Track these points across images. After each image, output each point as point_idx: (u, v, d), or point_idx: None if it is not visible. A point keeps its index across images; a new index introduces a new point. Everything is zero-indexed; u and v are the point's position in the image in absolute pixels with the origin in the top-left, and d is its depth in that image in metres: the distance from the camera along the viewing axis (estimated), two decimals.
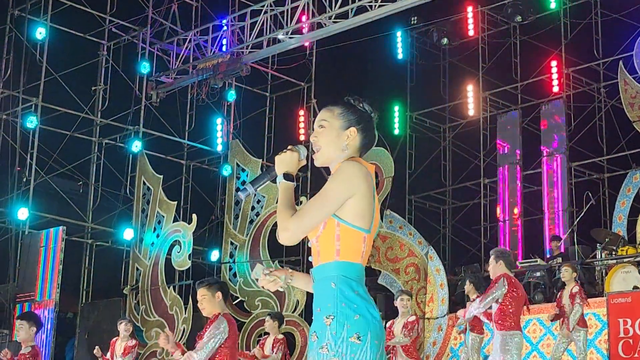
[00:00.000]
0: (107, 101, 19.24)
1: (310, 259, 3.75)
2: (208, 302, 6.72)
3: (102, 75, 19.35)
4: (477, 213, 20.80)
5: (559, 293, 12.50)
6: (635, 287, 14.03)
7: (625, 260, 14.93)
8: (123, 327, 13.10)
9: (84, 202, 18.82)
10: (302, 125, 20.39)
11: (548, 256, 17.37)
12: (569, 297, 12.13)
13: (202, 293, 6.75)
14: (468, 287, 12.54)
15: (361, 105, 3.81)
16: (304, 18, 17.23)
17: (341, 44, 18.99)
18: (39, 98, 17.92)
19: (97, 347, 13.28)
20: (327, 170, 3.76)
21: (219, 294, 6.84)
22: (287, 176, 3.69)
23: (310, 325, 3.60)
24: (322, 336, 3.51)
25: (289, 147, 3.72)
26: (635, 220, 17.82)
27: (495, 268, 9.68)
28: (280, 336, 12.21)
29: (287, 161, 3.69)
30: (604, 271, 15.28)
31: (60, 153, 18.28)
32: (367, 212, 3.61)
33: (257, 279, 3.87)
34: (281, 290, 3.83)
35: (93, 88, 19.23)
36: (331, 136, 3.72)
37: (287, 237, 3.58)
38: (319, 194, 3.58)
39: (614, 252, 15.39)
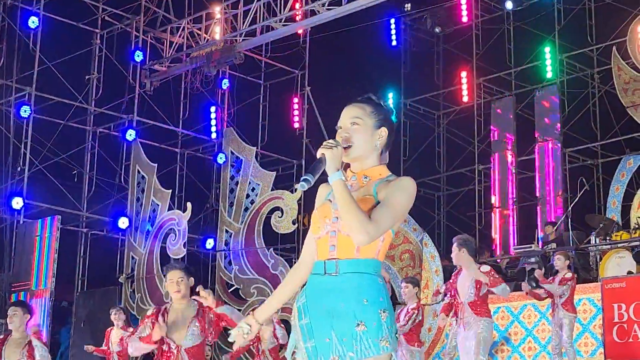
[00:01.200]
0: (100, 90, 19.21)
1: (331, 247, 3.78)
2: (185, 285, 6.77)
3: (96, 64, 19.32)
4: (471, 199, 20.82)
5: (551, 279, 12.56)
6: (629, 272, 14.08)
7: (619, 245, 14.98)
8: (114, 317, 13.13)
9: (79, 191, 18.81)
10: (296, 112, 20.38)
11: (542, 242, 17.41)
12: (561, 281, 12.19)
13: (179, 275, 6.77)
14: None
15: (385, 104, 3.93)
16: (297, 5, 17.23)
17: (335, 32, 18.99)
18: (32, 87, 17.88)
19: (87, 346, 13.35)
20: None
21: (192, 279, 6.97)
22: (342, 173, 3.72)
23: None
24: (378, 329, 3.64)
25: (334, 141, 3.74)
26: (629, 206, 17.88)
27: (459, 256, 9.35)
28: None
29: (337, 157, 3.69)
30: (598, 256, 15.34)
31: (54, 142, 18.27)
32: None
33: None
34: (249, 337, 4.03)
35: (87, 77, 19.20)
36: (366, 134, 3.83)
37: (365, 240, 3.63)
38: (390, 204, 3.70)
39: (608, 238, 15.44)
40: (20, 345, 8.05)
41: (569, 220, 16.35)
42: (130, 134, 18.60)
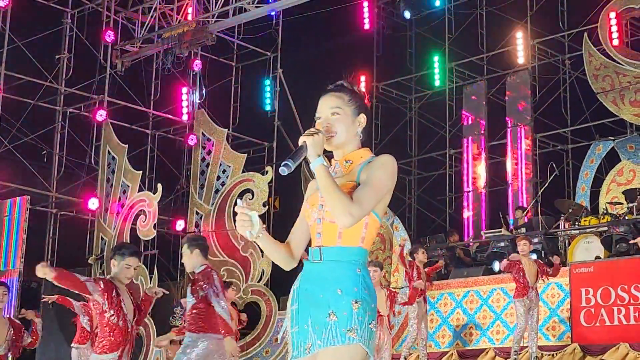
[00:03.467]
0: (71, 70, 19.08)
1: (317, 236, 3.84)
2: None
3: (66, 44, 19.17)
4: (442, 183, 20.89)
5: (517, 265, 12.73)
6: (597, 257, 14.20)
7: (587, 230, 15.10)
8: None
9: (48, 172, 18.70)
10: (268, 95, 20.34)
11: (512, 226, 17.51)
12: (539, 266, 12.62)
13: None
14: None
15: (358, 89, 4.00)
16: None
17: (308, 14, 18.94)
18: (1, 66, 17.73)
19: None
20: (295, 140, 3.82)
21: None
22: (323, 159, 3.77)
23: (275, 294, 3.67)
24: (348, 319, 3.64)
25: (315, 129, 3.81)
26: (598, 191, 18.02)
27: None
28: None
29: (319, 144, 3.76)
30: (567, 241, 15.46)
31: (23, 122, 18.13)
32: (387, 203, 3.88)
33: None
34: (247, 236, 3.87)
35: (57, 56, 19.05)
36: (347, 123, 3.90)
37: (349, 222, 3.65)
38: (371, 183, 3.73)
39: (577, 223, 15.56)
40: (4, 323, 8.18)
41: (539, 205, 16.44)
42: (101, 115, 18.48)
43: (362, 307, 3.67)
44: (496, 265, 15.12)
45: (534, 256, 13.44)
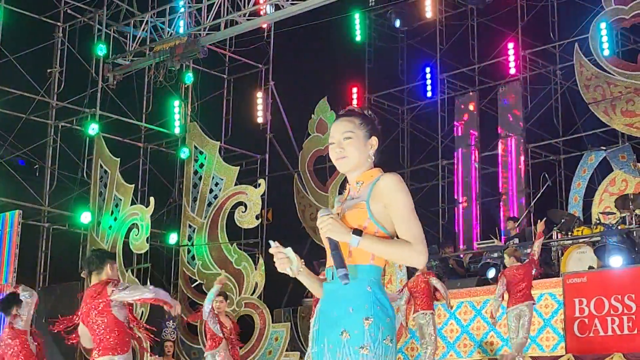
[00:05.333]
0: (63, 83, 19.06)
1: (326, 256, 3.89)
2: None
3: (58, 58, 19.15)
4: (435, 194, 20.90)
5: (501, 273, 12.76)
6: (590, 267, 14.19)
7: (580, 240, 15.10)
8: None
9: (41, 186, 18.66)
10: (260, 107, 20.34)
11: (505, 237, 17.52)
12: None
13: None
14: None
15: (369, 113, 4.07)
16: (261, 0, 17.18)
17: (299, 26, 18.97)
18: None
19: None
20: (287, 152, 3.85)
21: None
22: (355, 232, 3.78)
23: (268, 307, 3.67)
24: (359, 336, 3.70)
25: (323, 214, 3.80)
26: (590, 201, 18.03)
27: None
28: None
29: (338, 226, 3.79)
30: (559, 251, 15.46)
31: (15, 136, 18.10)
32: None
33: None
34: (289, 273, 3.91)
35: (49, 70, 19.04)
36: (359, 146, 3.96)
37: (424, 259, 3.80)
38: (405, 211, 3.83)
39: (569, 233, 15.56)
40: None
41: (531, 215, 16.45)
42: (93, 128, 18.46)
43: (374, 323, 3.72)
44: (491, 273, 15.13)
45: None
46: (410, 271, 16.37)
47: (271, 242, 3.90)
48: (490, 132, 20.36)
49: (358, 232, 3.75)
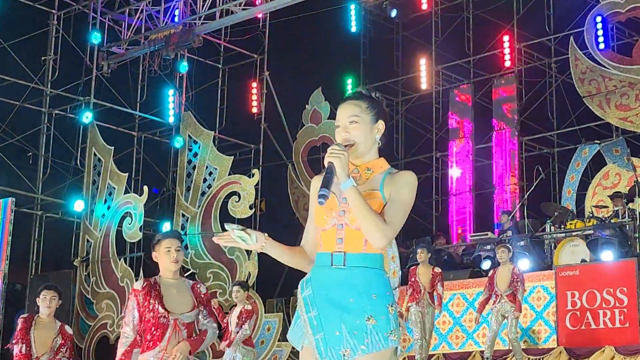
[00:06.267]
0: (57, 71, 19.01)
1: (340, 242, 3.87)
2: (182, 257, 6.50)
3: (52, 45, 19.11)
4: (429, 186, 20.90)
5: (492, 272, 12.75)
6: (583, 260, 14.22)
7: (573, 233, 15.12)
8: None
9: (34, 174, 18.63)
10: (254, 97, 20.31)
11: (498, 230, 17.55)
12: (513, 276, 12.44)
13: (177, 244, 6.37)
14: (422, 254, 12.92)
15: (377, 95, 4.02)
16: None
17: (294, 16, 18.93)
18: None
19: None
20: (281, 143, 3.84)
21: None
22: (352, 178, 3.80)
23: (261, 297, 3.66)
24: (387, 323, 3.78)
25: (339, 149, 3.78)
26: (584, 195, 18.07)
27: None
28: (249, 307, 12.20)
29: (346, 164, 3.78)
30: (552, 244, 15.48)
31: (9, 123, 18.06)
32: None
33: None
34: (251, 249, 3.89)
35: (43, 58, 18.99)
36: (366, 130, 3.94)
37: (384, 243, 3.80)
38: (400, 203, 3.86)
39: (562, 226, 15.58)
40: (52, 328, 8.02)
41: (525, 208, 16.47)
42: (87, 117, 18.42)
43: (395, 310, 3.84)
44: (485, 265, 15.13)
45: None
46: (403, 263, 16.40)
47: (226, 225, 3.87)
48: (485, 125, 20.38)
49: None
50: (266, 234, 3.92)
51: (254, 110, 20.30)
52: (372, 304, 3.78)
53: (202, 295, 6.18)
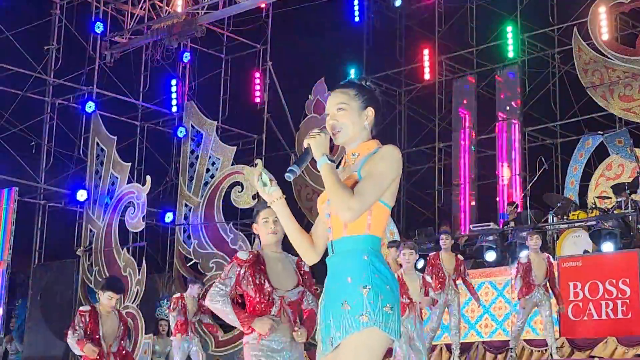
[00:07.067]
0: (60, 61, 18.99)
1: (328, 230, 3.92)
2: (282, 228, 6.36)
3: (55, 35, 19.08)
4: (431, 177, 20.90)
5: (526, 261, 12.37)
6: (585, 251, 14.22)
7: (576, 224, 15.12)
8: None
9: (37, 163, 18.63)
10: (257, 87, 20.30)
11: (504, 220, 17.56)
12: (549, 265, 12.33)
13: (275, 216, 6.21)
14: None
15: (368, 84, 4.05)
16: None
17: (297, 6, 18.91)
18: None
19: None
20: (284, 133, 3.86)
21: None
22: (328, 157, 3.84)
23: None
24: (359, 305, 3.69)
25: (318, 130, 3.90)
26: (586, 185, 18.06)
27: None
28: None
29: (323, 143, 3.85)
30: (555, 235, 15.48)
31: (12, 113, 18.06)
32: (396, 191, 3.94)
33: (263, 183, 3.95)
34: (265, 197, 3.95)
35: (46, 48, 18.97)
36: (353, 117, 3.95)
37: (351, 216, 3.73)
38: (373, 175, 3.79)
39: (565, 217, 15.57)
40: (114, 319, 8.46)
41: (528, 199, 16.46)
42: (90, 106, 18.41)
43: (373, 291, 3.70)
44: (490, 256, 15.05)
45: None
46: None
47: (258, 161, 3.97)
48: (488, 115, 20.35)
49: (332, 160, 3.79)
50: (284, 195, 3.97)
51: (257, 100, 20.29)
52: (346, 287, 3.74)
53: (306, 273, 6.06)
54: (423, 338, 10.69)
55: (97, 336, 8.25)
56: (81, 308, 8.51)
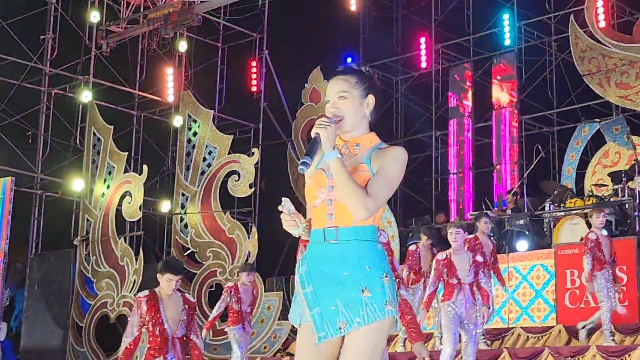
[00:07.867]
0: (56, 50, 18.96)
1: (328, 216, 3.92)
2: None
3: (51, 24, 19.03)
4: (428, 165, 20.91)
5: (595, 238, 11.78)
6: (582, 239, 14.21)
7: (573, 212, 15.14)
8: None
9: (33, 153, 18.62)
10: (254, 76, 20.28)
11: (497, 208, 17.59)
12: (613, 244, 11.92)
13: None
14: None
15: (367, 70, 4.04)
16: None
17: None
18: None
19: None
20: (281, 121, 3.86)
21: None
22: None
23: (261, 276, 3.70)
24: (382, 293, 3.79)
25: (327, 121, 3.87)
26: (583, 173, 18.09)
27: None
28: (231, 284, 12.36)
29: (332, 135, 3.84)
30: (552, 223, 15.49)
31: (8, 103, 18.03)
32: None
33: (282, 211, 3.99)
34: (294, 234, 3.98)
35: (42, 37, 18.93)
36: (355, 105, 3.97)
37: (366, 215, 3.80)
38: (385, 176, 3.88)
39: (562, 204, 15.59)
40: (177, 303, 8.00)
41: (524, 186, 16.48)
42: (86, 96, 18.39)
43: (391, 280, 3.83)
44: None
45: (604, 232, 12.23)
46: (402, 242, 16.43)
47: (284, 200, 3.97)
48: (484, 103, 20.35)
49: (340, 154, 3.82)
50: (306, 222, 4.00)
51: (254, 89, 20.27)
52: (366, 275, 3.79)
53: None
54: (476, 321, 10.23)
55: (160, 321, 7.89)
56: (139, 294, 8.11)
